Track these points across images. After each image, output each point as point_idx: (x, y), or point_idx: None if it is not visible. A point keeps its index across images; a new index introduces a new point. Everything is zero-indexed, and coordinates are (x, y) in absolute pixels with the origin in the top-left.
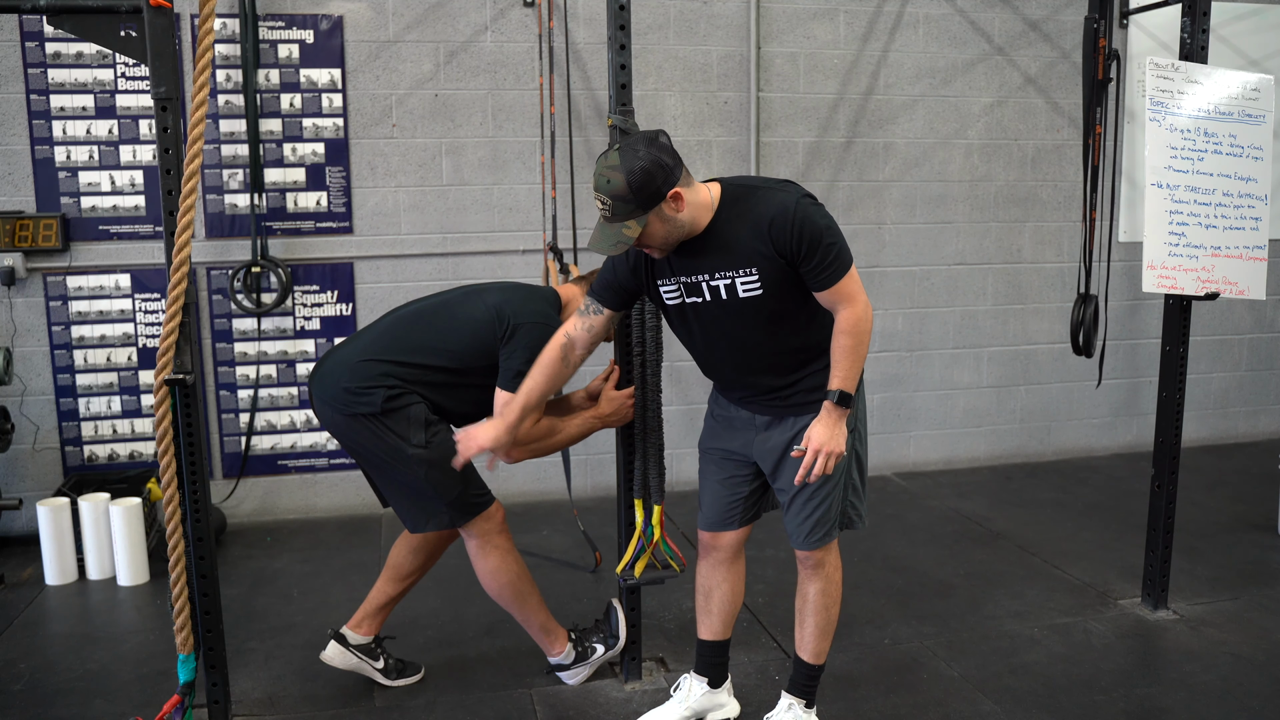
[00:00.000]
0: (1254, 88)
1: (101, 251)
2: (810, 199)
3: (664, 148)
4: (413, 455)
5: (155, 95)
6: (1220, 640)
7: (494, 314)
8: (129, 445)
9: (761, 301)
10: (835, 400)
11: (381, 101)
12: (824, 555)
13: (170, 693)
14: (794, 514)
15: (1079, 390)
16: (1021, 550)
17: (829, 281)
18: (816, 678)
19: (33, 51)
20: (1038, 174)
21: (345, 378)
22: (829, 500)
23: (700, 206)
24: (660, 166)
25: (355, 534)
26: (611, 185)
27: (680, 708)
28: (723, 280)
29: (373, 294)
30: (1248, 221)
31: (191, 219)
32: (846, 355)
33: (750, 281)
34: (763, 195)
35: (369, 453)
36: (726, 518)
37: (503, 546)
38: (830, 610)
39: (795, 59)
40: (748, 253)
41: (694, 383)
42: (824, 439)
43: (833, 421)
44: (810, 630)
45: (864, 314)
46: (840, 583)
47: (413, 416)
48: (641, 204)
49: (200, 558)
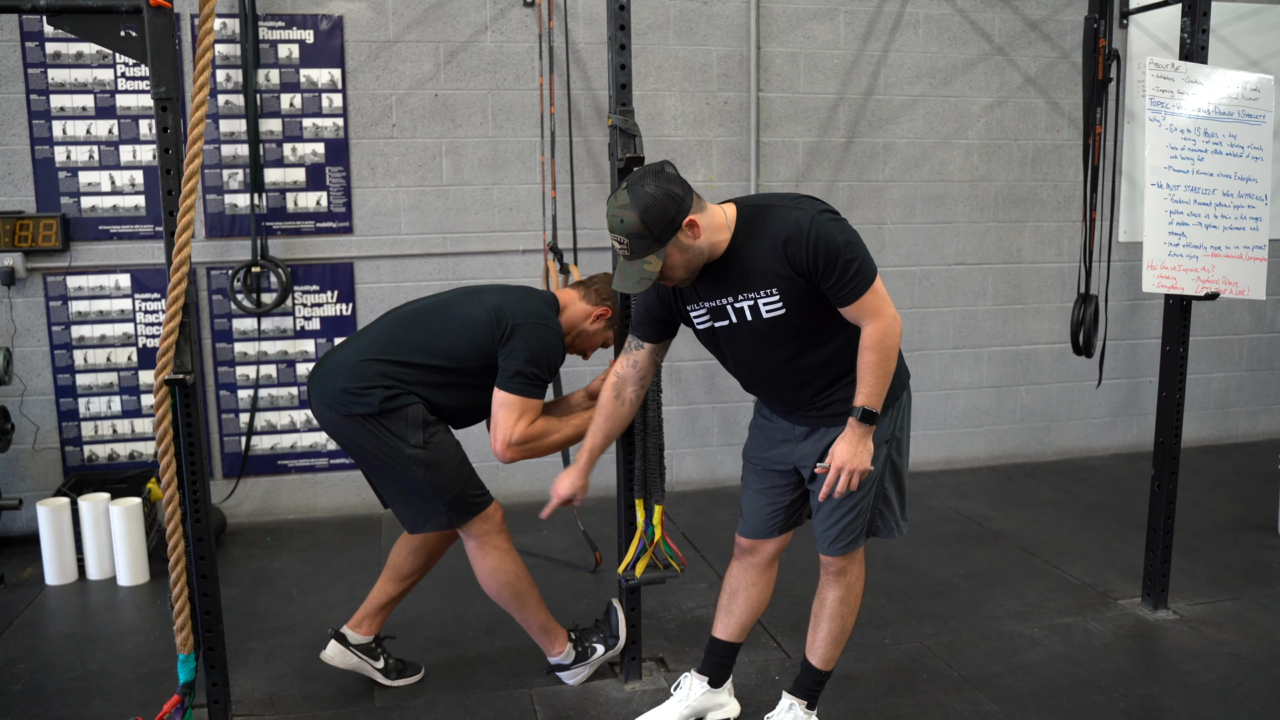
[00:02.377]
0: (1254, 88)
1: (101, 251)
2: (829, 214)
3: (671, 178)
4: (410, 456)
5: (155, 95)
6: (1220, 640)
7: (492, 315)
8: (129, 445)
9: (786, 320)
10: (859, 418)
11: (381, 101)
12: (847, 563)
13: (170, 693)
14: (821, 519)
15: (1079, 390)
16: (1021, 550)
17: (851, 297)
18: (822, 683)
19: (33, 51)
20: (1038, 174)
21: (343, 378)
22: (857, 510)
23: (717, 229)
24: (671, 198)
25: (355, 534)
26: (626, 225)
27: (680, 706)
28: (746, 302)
29: (373, 294)
30: (1248, 221)
31: (191, 219)
32: (871, 371)
33: (773, 302)
34: (777, 214)
35: (367, 453)
36: (767, 527)
37: (501, 546)
38: (846, 619)
39: (795, 59)
40: (766, 274)
41: (694, 383)
42: (846, 456)
43: (857, 439)
44: (823, 636)
45: (889, 328)
46: (861, 593)
47: (410, 417)
48: (658, 238)
49: (200, 558)
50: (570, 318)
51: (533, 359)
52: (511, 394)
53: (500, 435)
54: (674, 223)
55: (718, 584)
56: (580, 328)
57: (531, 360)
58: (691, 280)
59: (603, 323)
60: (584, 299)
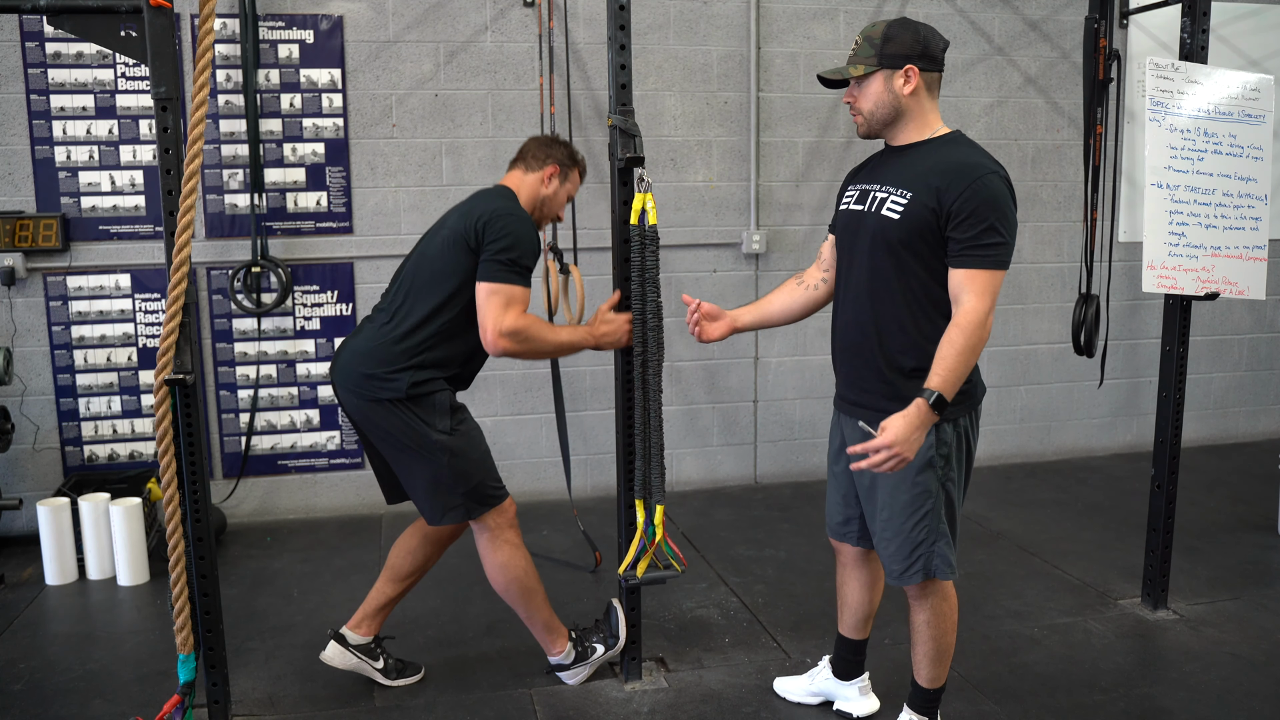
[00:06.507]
0: (1254, 88)
1: (101, 251)
2: (1010, 187)
3: (938, 43)
4: (437, 441)
5: (155, 95)
6: (1220, 640)
7: (459, 229)
8: (129, 445)
9: (891, 227)
10: (929, 401)
11: (381, 101)
12: (926, 588)
13: (170, 693)
14: (879, 546)
15: (1079, 390)
16: (1021, 550)
17: (970, 262)
18: (935, 699)
19: (33, 51)
20: (1038, 174)
21: (365, 364)
22: (911, 534)
23: (923, 115)
24: (923, 40)
25: (355, 534)
26: (873, 29)
27: (809, 681)
28: (882, 194)
29: (373, 294)
30: (1248, 221)
31: (191, 219)
32: (956, 352)
33: (898, 202)
34: (973, 153)
35: (393, 439)
36: (843, 532)
37: (513, 541)
38: (940, 640)
39: (795, 59)
40: (916, 181)
41: (694, 383)
42: (900, 436)
43: (918, 424)
44: (921, 656)
45: (984, 320)
46: (950, 613)
47: (438, 403)
48: (881, 57)
49: (200, 558)
50: (526, 196)
51: (509, 245)
52: (493, 282)
53: (490, 324)
54: (903, 55)
55: (718, 584)
56: (539, 197)
57: (508, 247)
58: (866, 130)
59: (555, 181)
60: (527, 171)
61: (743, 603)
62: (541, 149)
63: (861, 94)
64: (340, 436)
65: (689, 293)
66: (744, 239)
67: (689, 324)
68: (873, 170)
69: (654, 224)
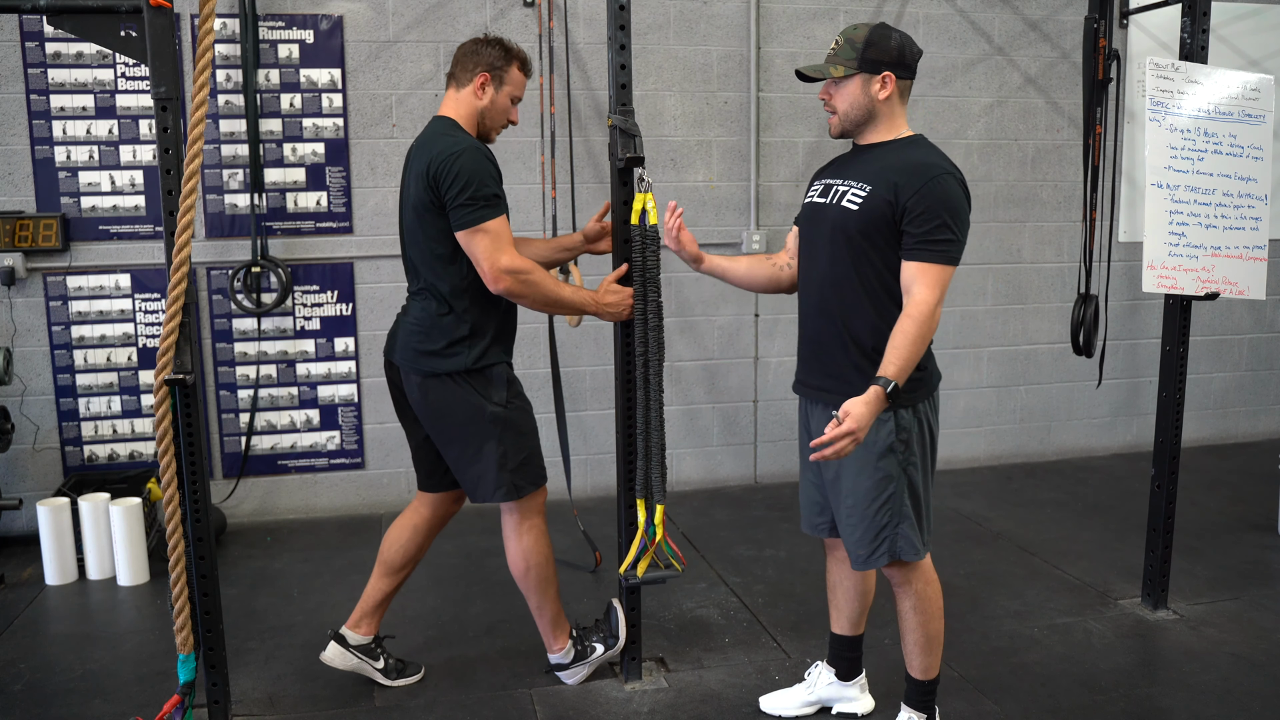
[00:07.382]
0: (1254, 88)
1: (101, 251)
2: (964, 187)
3: (911, 51)
4: (492, 414)
5: (155, 95)
6: (1220, 640)
7: (420, 194)
8: (129, 445)
9: (850, 218)
10: (884, 388)
11: (381, 101)
12: (904, 573)
13: (170, 693)
14: (844, 533)
15: (1079, 390)
16: (1021, 550)
17: (922, 256)
18: (930, 691)
19: (33, 51)
20: (1038, 174)
21: (422, 341)
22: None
23: (890, 118)
24: (900, 49)
25: (355, 534)
26: (855, 31)
27: (805, 692)
28: (844, 188)
29: (373, 294)
30: (1248, 221)
31: (191, 219)
32: (909, 341)
33: (858, 195)
34: (927, 152)
35: (447, 415)
36: (817, 523)
37: (540, 528)
38: (927, 626)
39: (795, 59)
40: (876, 177)
41: (694, 383)
42: (862, 422)
43: (877, 409)
44: (910, 646)
45: (934, 311)
46: (934, 597)
47: (495, 376)
48: (861, 60)
49: (200, 558)
50: (465, 116)
51: (463, 185)
52: (468, 227)
53: (486, 265)
54: (881, 62)
55: (718, 584)
56: (477, 111)
57: (463, 188)
58: (840, 129)
59: (490, 89)
60: (459, 88)
61: (743, 603)
62: (468, 58)
63: (838, 93)
64: (340, 436)
65: (689, 292)
66: (744, 239)
67: (668, 228)
68: (839, 167)
69: (654, 224)
